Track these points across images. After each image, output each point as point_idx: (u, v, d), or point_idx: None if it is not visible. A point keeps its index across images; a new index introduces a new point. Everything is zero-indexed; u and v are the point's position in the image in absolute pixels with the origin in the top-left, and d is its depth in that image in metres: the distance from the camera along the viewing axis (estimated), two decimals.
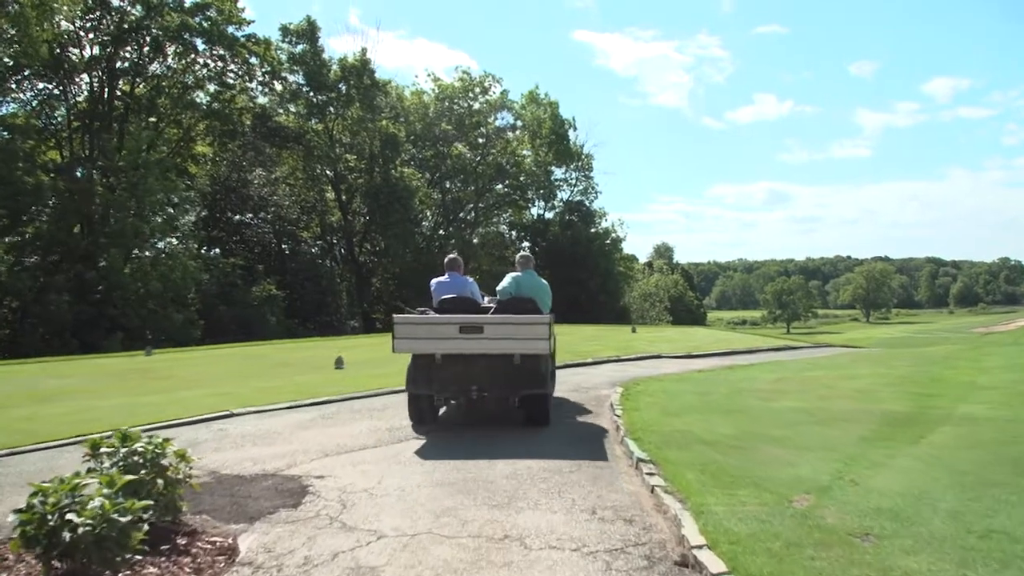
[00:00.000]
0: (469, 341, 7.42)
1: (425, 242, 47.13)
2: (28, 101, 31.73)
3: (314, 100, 41.62)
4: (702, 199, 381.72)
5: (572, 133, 51.83)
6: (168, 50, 33.71)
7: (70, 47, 31.39)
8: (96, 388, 11.61)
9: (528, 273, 8.54)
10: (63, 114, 32.50)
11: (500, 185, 51.53)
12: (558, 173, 52.99)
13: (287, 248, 43.13)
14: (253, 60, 36.67)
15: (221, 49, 34.70)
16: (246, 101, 38.73)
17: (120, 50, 32.37)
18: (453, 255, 8.87)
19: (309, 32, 40.47)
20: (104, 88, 32.65)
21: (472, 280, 8.77)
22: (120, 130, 32.64)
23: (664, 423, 7.76)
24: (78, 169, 31.67)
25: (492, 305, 8.39)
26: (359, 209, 45.24)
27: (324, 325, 38.87)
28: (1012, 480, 5.45)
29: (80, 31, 31.57)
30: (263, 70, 38.00)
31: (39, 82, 31.42)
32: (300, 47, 40.58)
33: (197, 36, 33.57)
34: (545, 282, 8.68)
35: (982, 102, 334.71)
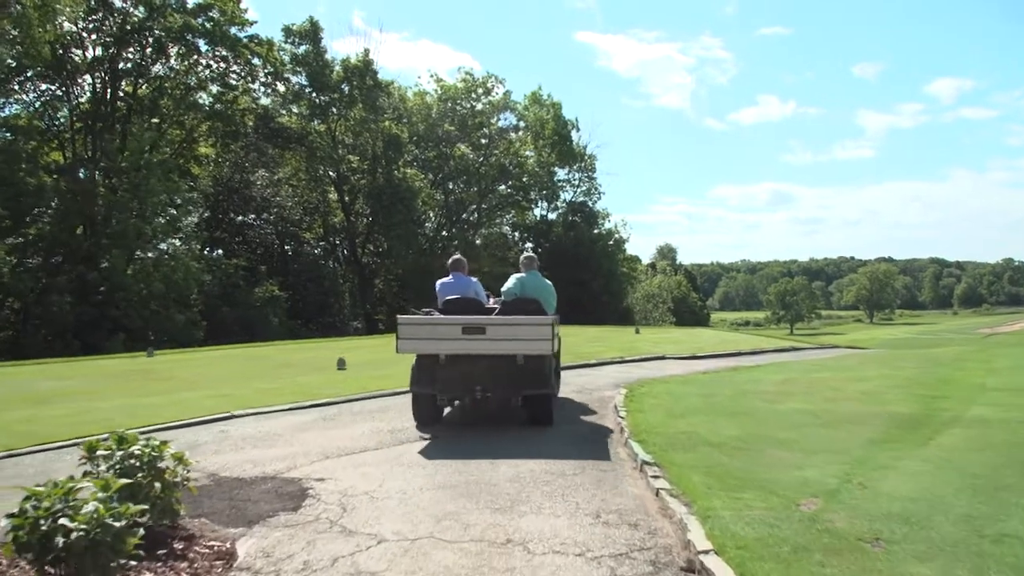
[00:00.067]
0: (472, 342, 7.46)
1: (428, 243, 47.11)
2: (31, 102, 31.89)
3: (317, 101, 41.59)
4: (705, 200, 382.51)
5: (575, 134, 51.95)
6: (171, 51, 33.77)
7: (73, 48, 31.48)
8: (97, 389, 11.56)
9: (532, 274, 8.58)
10: (66, 115, 32.59)
11: (503, 186, 51.44)
12: (561, 174, 53.05)
13: (290, 249, 43.16)
14: (256, 61, 36.73)
15: (224, 50, 34.74)
16: (249, 102, 38.72)
17: (123, 51, 32.42)
18: (457, 256, 8.92)
19: (312, 33, 40.47)
20: (107, 89, 32.72)
21: (476, 281, 8.79)
22: (123, 131, 32.70)
23: (669, 425, 7.69)
24: (80, 170, 31.76)
25: (497, 306, 8.37)
26: (362, 210, 45.22)
27: (327, 326, 38.87)
28: None
29: (83, 32, 31.65)
30: (266, 71, 38.06)
31: (42, 83, 31.58)
32: (303, 48, 40.60)
33: (200, 37, 33.65)
34: (550, 283, 8.71)
35: (985, 103, 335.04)
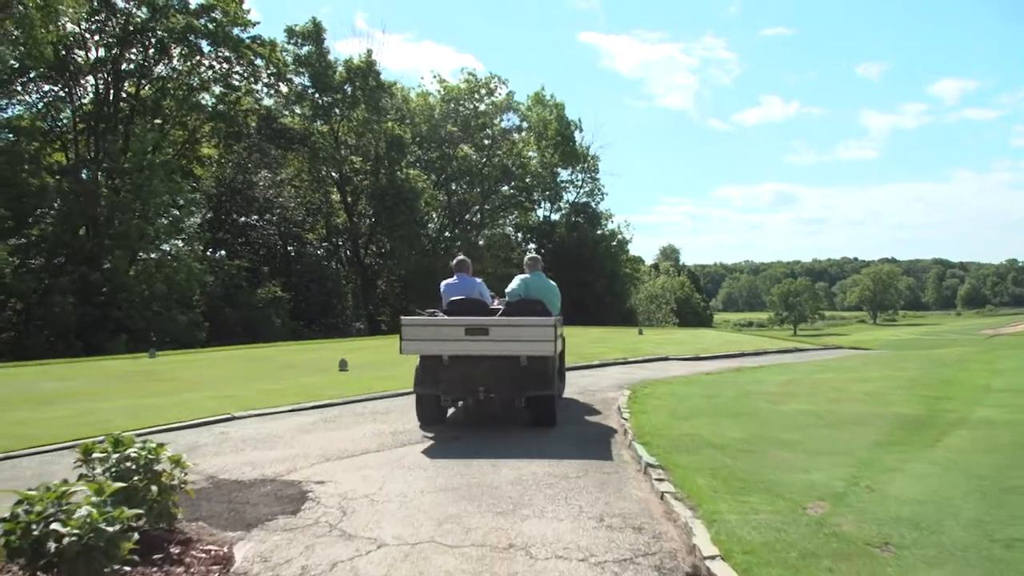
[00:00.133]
0: (475, 343, 7.49)
1: (431, 244, 47.04)
2: (34, 103, 31.85)
3: (319, 102, 41.49)
4: (708, 201, 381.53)
5: (578, 135, 51.74)
6: (173, 52, 33.71)
7: (75, 49, 31.49)
8: (98, 391, 11.51)
9: (536, 275, 8.59)
10: (68, 116, 32.60)
11: (506, 187, 51.33)
12: (564, 174, 52.86)
13: (292, 250, 43.13)
14: (258, 62, 36.61)
15: (226, 51, 34.67)
16: (251, 103, 38.61)
17: (125, 52, 32.36)
18: (461, 257, 8.95)
19: (315, 34, 40.41)
20: (109, 90, 32.70)
21: (481, 282, 8.80)
22: (125, 132, 32.67)
23: (672, 426, 7.63)
24: (83, 171, 31.77)
25: (501, 307, 8.35)
26: (364, 211, 45.17)
27: (329, 327, 38.80)
28: None
29: (85, 33, 31.64)
30: (268, 72, 37.92)
31: (44, 84, 31.51)
32: (306, 49, 40.52)
33: (202, 38, 33.59)
34: (554, 284, 8.73)
35: (989, 103, 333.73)
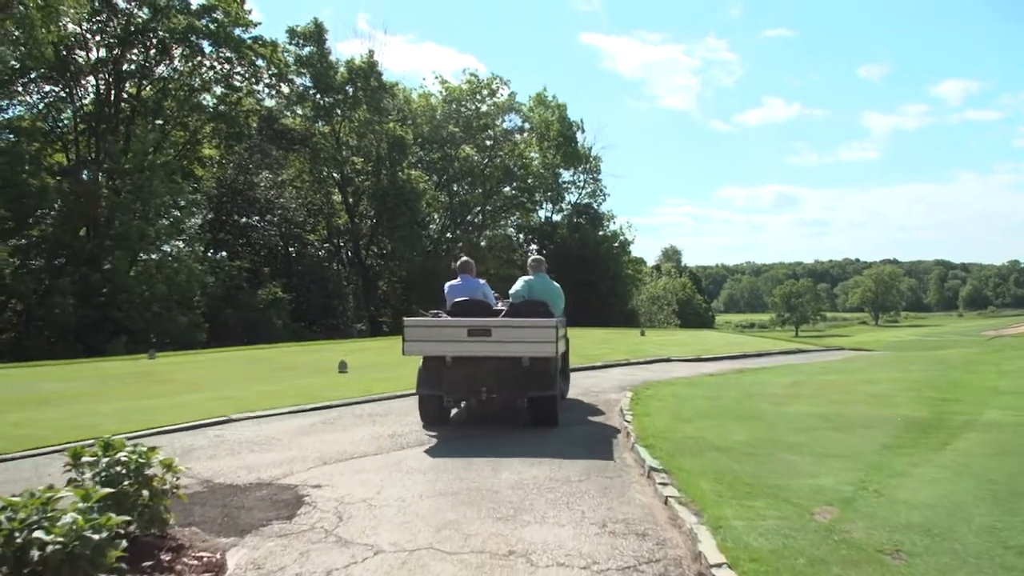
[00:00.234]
0: (477, 344, 7.51)
1: (432, 245, 46.98)
2: (34, 104, 31.85)
3: (321, 102, 41.40)
4: (710, 202, 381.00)
5: (580, 135, 51.60)
6: (174, 52, 33.72)
7: (76, 49, 31.47)
8: (96, 392, 11.41)
9: (540, 276, 8.60)
10: (69, 117, 32.58)
11: (508, 188, 51.21)
12: (566, 175, 52.72)
13: (293, 251, 43.05)
14: (260, 62, 36.60)
15: (228, 51, 34.67)
16: (253, 103, 38.62)
17: (126, 52, 32.35)
18: (465, 258, 8.96)
19: (316, 35, 40.32)
20: (110, 91, 32.68)
21: (484, 283, 8.81)
22: (126, 133, 32.64)
23: (676, 429, 7.51)
24: (84, 172, 31.75)
25: (504, 308, 8.32)
26: (366, 212, 45.08)
27: (330, 328, 38.69)
28: None
29: (86, 33, 31.63)
30: (270, 72, 37.93)
31: (45, 85, 31.48)
32: (307, 49, 40.41)
33: (204, 38, 33.58)
34: (558, 285, 8.78)
35: (992, 105, 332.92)
